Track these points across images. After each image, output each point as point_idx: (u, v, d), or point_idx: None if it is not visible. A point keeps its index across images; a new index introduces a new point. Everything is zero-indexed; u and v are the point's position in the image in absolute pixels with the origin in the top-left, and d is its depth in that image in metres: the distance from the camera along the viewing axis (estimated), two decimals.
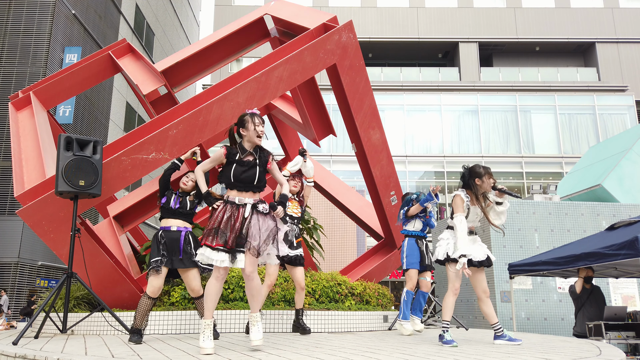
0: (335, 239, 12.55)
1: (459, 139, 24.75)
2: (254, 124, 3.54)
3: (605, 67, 27.11)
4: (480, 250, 4.36)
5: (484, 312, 4.42)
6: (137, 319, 4.15)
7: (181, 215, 4.39)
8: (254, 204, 3.47)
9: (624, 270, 7.65)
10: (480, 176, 4.33)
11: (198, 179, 3.64)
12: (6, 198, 14.24)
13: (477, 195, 4.36)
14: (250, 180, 3.46)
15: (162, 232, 4.31)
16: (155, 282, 4.16)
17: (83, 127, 17.02)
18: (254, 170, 3.47)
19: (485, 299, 4.41)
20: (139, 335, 4.12)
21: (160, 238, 4.27)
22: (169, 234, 4.31)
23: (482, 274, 4.47)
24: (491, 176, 4.37)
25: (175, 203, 4.40)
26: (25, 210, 4.85)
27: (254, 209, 3.45)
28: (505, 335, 4.35)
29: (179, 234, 4.32)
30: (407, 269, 5.68)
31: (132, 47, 7.51)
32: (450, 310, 4.33)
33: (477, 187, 4.34)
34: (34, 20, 15.57)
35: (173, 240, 4.28)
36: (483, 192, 4.36)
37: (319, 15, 6.41)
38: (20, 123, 6.18)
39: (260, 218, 3.44)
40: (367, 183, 7.14)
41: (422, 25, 27.77)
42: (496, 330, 4.38)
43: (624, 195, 11.08)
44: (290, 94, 8.01)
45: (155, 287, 4.16)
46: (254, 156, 3.56)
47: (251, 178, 3.45)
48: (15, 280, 13.87)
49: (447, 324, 4.27)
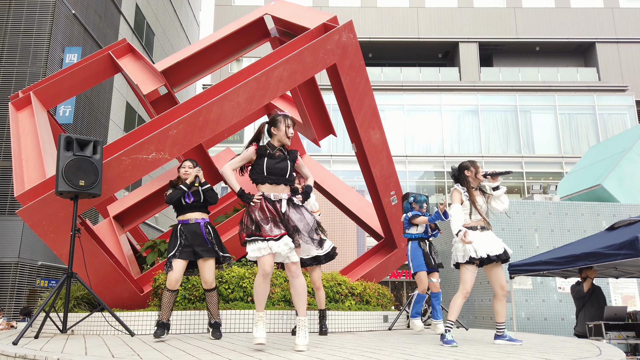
0: (336, 239, 12.55)
1: (459, 139, 24.75)
2: (285, 125, 3.67)
3: (605, 67, 27.12)
4: (496, 245, 4.31)
5: (495, 308, 4.38)
6: (162, 313, 4.31)
7: (196, 207, 4.49)
8: (289, 197, 3.58)
9: (624, 270, 7.65)
10: (467, 168, 4.46)
11: (229, 178, 3.67)
12: (6, 198, 14.24)
13: (473, 188, 4.41)
14: (283, 173, 3.57)
15: (181, 225, 4.44)
16: (172, 275, 4.31)
17: (83, 127, 17.02)
18: (285, 163, 3.59)
19: (501, 297, 4.37)
20: (162, 328, 4.25)
21: (181, 232, 4.40)
22: (189, 227, 4.43)
23: (500, 268, 4.40)
24: (477, 167, 4.46)
25: (189, 197, 4.49)
26: (25, 210, 4.85)
27: (289, 203, 3.56)
28: (506, 335, 4.34)
29: (197, 225, 4.44)
30: (416, 272, 5.68)
31: (132, 47, 7.51)
32: (457, 311, 4.31)
33: (469, 179, 4.44)
34: (34, 20, 15.56)
35: (194, 232, 4.40)
36: (477, 185, 4.43)
37: (319, 15, 6.41)
38: (20, 123, 6.18)
39: (297, 211, 3.56)
40: (367, 183, 7.14)
41: (422, 25, 27.78)
42: (499, 329, 4.38)
43: (624, 195, 11.07)
44: (290, 94, 8.01)
45: (172, 279, 4.31)
46: (283, 152, 3.68)
47: (284, 170, 3.57)
48: (15, 280, 13.87)
49: (451, 324, 4.26)
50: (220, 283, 5.62)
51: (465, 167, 4.48)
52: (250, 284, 5.71)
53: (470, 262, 4.29)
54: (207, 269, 4.44)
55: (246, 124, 10.71)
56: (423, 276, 5.66)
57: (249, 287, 5.67)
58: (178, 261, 4.34)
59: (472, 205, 4.36)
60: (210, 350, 3.53)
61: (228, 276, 5.68)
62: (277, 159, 3.59)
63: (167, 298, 4.33)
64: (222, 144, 15.81)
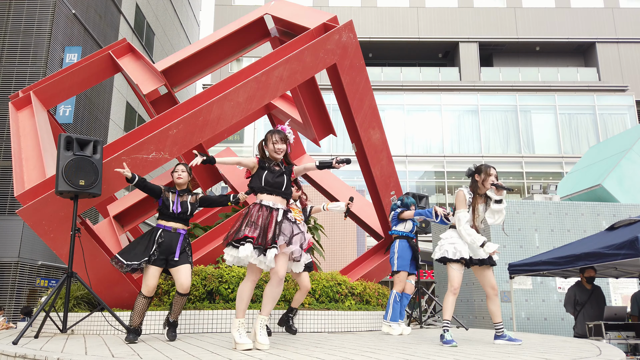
0: (335, 239, 12.56)
1: (459, 138, 24.75)
2: (272, 142, 3.78)
3: (605, 67, 27.11)
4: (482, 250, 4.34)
5: (490, 309, 4.40)
6: (134, 319, 4.16)
7: (182, 219, 4.38)
8: (285, 210, 3.66)
9: (624, 270, 7.65)
10: (479, 172, 4.39)
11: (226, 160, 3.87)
12: (6, 198, 14.24)
13: (479, 193, 4.38)
14: (280, 186, 3.72)
15: (162, 231, 4.28)
16: (150, 282, 4.17)
17: (83, 126, 17.01)
18: (283, 178, 3.74)
19: (493, 297, 4.38)
20: (135, 334, 4.13)
21: (159, 238, 4.24)
22: (170, 235, 4.28)
23: (488, 270, 4.43)
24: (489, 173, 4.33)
25: (177, 207, 4.36)
26: (25, 210, 4.85)
27: (285, 215, 3.65)
28: (506, 335, 4.35)
29: (179, 236, 4.32)
30: (398, 270, 5.65)
31: (132, 47, 7.51)
32: (450, 310, 4.32)
33: (477, 183, 4.39)
34: (34, 20, 15.56)
35: (172, 241, 4.27)
36: (485, 191, 4.37)
37: (319, 15, 6.40)
38: (20, 122, 6.18)
39: (290, 224, 3.64)
40: (367, 183, 7.14)
41: (422, 25, 27.77)
42: (497, 329, 4.38)
43: (624, 195, 11.07)
44: (290, 94, 8.01)
45: (150, 286, 4.17)
46: (280, 167, 3.82)
47: (280, 184, 3.71)
48: (15, 280, 13.86)
49: (448, 324, 4.27)
50: (220, 283, 5.62)
51: (478, 171, 4.40)
52: None
53: (458, 260, 4.29)
54: (182, 272, 4.26)
55: (246, 124, 10.71)
56: (404, 276, 5.65)
57: None
58: (152, 268, 4.18)
59: (472, 211, 4.36)
60: (210, 350, 3.53)
61: (228, 276, 5.68)
62: (277, 173, 3.75)
63: (141, 305, 4.17)
64: (222, 143, 15.80)
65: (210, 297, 5.62)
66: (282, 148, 3.77)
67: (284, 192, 3.73)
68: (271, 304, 3.61)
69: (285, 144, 3.79)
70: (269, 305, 3.60)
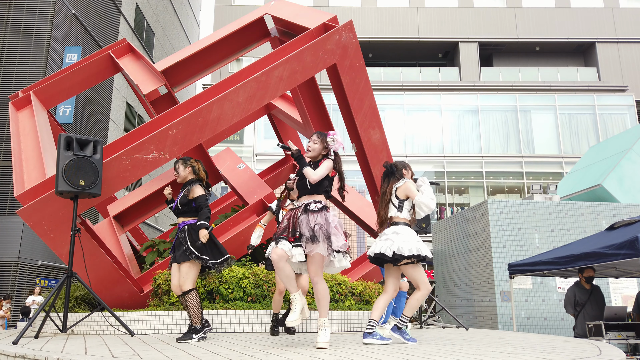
0: None
1: (459, 138, 24.74)
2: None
3: (605, 67, 27.11)
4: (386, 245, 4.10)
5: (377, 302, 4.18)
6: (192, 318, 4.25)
7: (184, 213, 4.40)
8: (306, 203, 3.85)
9: (624, 270, 7.65)
10: (405, 166, 4.54)
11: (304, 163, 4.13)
12: (6, 198, 14.24)
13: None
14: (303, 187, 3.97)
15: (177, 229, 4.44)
16: (171, 280, 4.33)
17: (83, 126, 17.02)
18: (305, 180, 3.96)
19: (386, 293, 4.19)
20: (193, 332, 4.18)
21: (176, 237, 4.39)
22: (178, 231, 4.39)
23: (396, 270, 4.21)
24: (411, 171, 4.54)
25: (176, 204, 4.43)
26: (25, 210, 4.85)
27: (305, 208, 3.82)
28: (377, 334, 4.11)
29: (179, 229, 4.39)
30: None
31: (132, 47, 7.51)
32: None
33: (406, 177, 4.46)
34: (34, 20, 15.56)
35: (179, 237, 4.36)
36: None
37: (319, 15, 6.41)
38: (20, 123, 6.18)
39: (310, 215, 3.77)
40: (367, 183, 7.14)
41: (422, 25, 27.77)
42: (368, 327, 4.12)
43: (624, 195, 11.07)
44: (290, 94, 8.01)
45: (172, 284, 4.33)
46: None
47: (304, 185, 3.96)
48: (15, 280, 13.87)
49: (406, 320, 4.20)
50: (220, 283, 5.62)
51: (403, 166, 4.56)
52: (250, 283, 5.71)
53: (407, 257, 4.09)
54: (174, 274, 4.29)
55: (246, 124, 10.71)
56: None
57: (249, 287, 5.67)
58: (173, 266, 4.35)
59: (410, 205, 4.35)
60: (210, 350, 3.53)
61: (228, 276, 5.68)
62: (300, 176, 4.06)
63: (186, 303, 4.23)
64: (222, 143, 15.79)
65: (210, 297, 5.62)
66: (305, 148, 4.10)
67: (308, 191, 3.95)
68: (319, 305, 3.74)
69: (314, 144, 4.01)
70: (318, 306, 3.75)
